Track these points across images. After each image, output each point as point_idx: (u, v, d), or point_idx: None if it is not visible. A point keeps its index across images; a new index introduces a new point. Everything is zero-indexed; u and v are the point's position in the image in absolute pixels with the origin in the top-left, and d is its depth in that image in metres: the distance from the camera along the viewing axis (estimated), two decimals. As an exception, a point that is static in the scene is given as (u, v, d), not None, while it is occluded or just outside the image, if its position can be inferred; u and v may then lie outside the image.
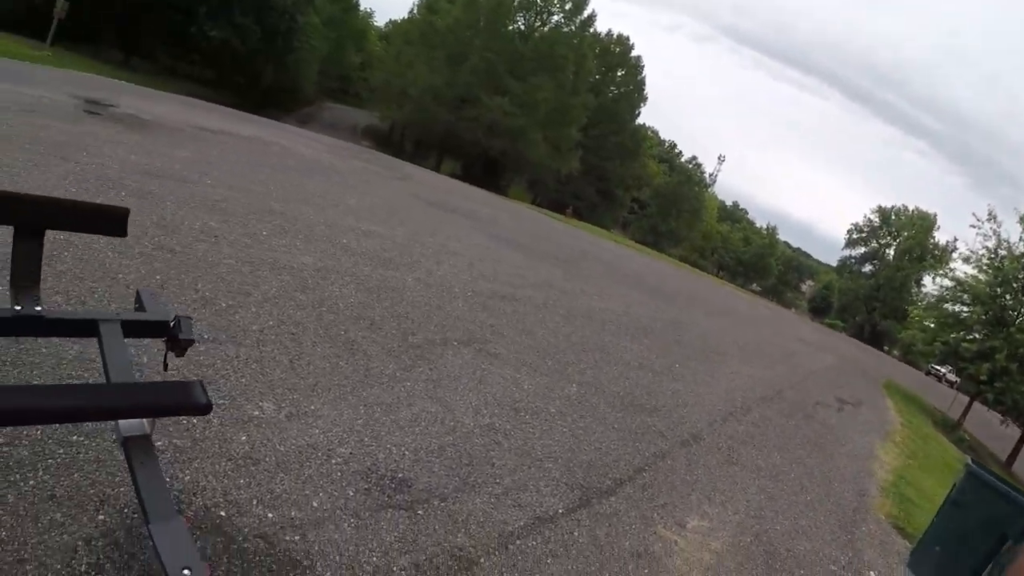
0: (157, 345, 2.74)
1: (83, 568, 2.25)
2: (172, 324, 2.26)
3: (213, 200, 5.79)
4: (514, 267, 7.30)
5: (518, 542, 3.14)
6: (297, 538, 2.69)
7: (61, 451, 2.66)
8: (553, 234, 11.35)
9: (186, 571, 1.52)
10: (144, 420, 1.85)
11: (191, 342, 2.27)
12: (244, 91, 35.31)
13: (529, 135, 41.95)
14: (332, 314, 4.51)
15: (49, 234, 4.04)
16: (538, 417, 4.37)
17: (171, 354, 2.43)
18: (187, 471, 2.80)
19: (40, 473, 2.53)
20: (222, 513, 2.67)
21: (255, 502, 2.79)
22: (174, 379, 3.22)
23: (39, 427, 2.69)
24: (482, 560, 2.97)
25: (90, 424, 2.76)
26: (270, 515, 2.75)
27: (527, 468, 3.78)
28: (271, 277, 4.73)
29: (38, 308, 2.03)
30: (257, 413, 3.31)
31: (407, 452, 3.51)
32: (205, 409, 1.82)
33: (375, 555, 2.77)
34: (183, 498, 2.67)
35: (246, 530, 2.64)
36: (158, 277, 4.15)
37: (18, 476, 2.49)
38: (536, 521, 3.35)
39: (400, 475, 3.26)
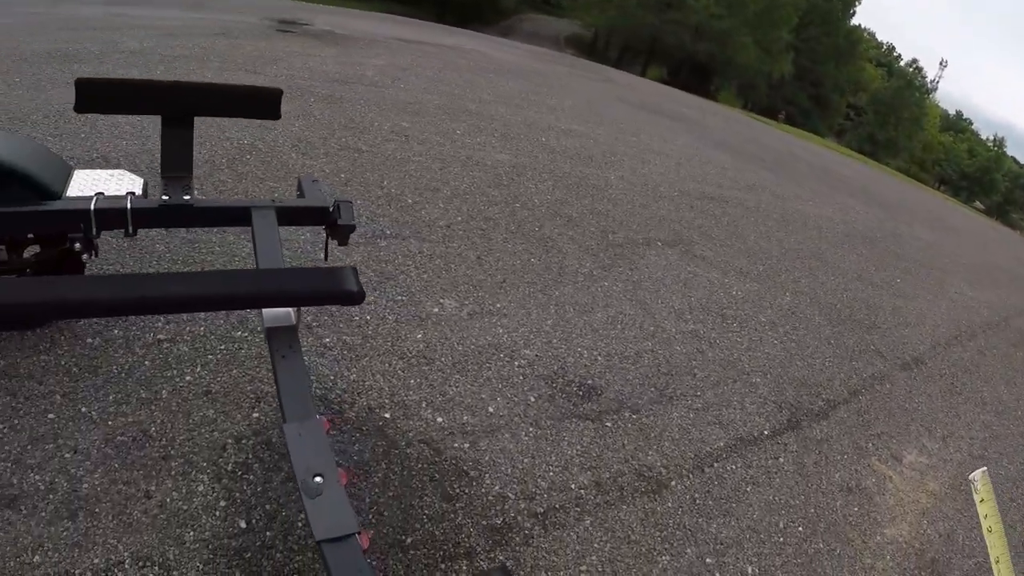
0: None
1: (230, 467, 2.12)
2: (331, 209, 2.11)
3: (405, 102, 5.65)
4: (722, 169, 6.67)
5: (715, 465, 2.72)
6: (467, 446, 2.30)
7: (222, 347, 2.58)
8: (764, 138, 10.36)
9: (318, 478, 1.35)
10: (290, 310, 1.68)
11: (351, 228, 2.11)
12: (444, 6, 35.87)
13: (737, 37, 39.13)
14: (526, 210, 4.09)
15: (234, 138, 4.26)
16: (747, 326, 3.81)
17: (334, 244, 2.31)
18: (354, 369, 2.53)
19: (198, 369, 2.45)
20: (387, 415, 2.35)
21: (424, 405, 2.43)
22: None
23: (202, 324, 2.63)
24: (673, 483, 2.55)
25: (256, 320, 2.66)
26: (439, 420, 2.37)
27: (731, 382, 3.32)
28: (462, 174, 4.43)
29: (186, 197, 1.97)
30: (437, 310, 2.96)
31: (599, 357, 3.07)
32: (356, 298, 1.63)
33: (552, 470, 2.37)
34: (345, 398, 2.40)
35: (411, 434, 2.29)
36: (343, 175, 3.99)
37: (175, 372, 2.43)
38: (738, 442, 2.91)
39: (589, 382, 2.78)
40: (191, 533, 1.93)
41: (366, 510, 2.05)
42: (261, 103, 2.05)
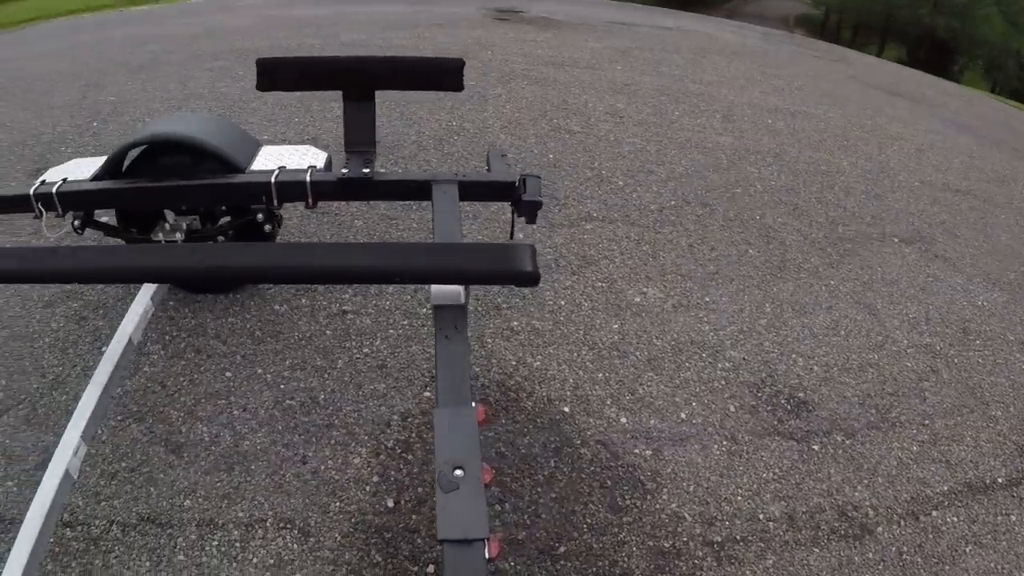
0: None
1: (390, 444, 2.08)
2: (517, 184, 2.04)
3: (621, 84, 5.45)
4: (969, 158, 5.66)
5: (934, 514, 2.20)
6: (648, 453, 2.03)
7: (405, 322, 2.57)
8: (1016, 124, 8.65)
9: (458, 471, 1.25)
10: (459, 288, 1.60)
11: (538, 204, 2.01)
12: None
13: (979, 9, 33.82)
14: (747, 196, 3.70)
15: (442, 119, 4.33)
16: (992, 345, 3.10)
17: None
18: (539, 356, 2.38)
19: (377, 342, 2.46)
20: (565, 409, 2.15)
21: (609, 402, 2.20)
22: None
23: (388, 298, 2.66)
24: (880, 529, 2.08)
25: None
26: (623, 420, 2.13)
27: (967, 411, 2.67)
28: (679, 156, 4.13)
29: (366, 171, 2.02)
30: (639, 300, 2.71)
31: (815, 367, 2.62)
32: (530, 279, 1.51)
33: (740, 494, 2.03)
34: (525, 386, 2.28)
35: (588, 433, 2.08)
36: (551, 156, 3.89)
37: (354, 343, 2.45)
38: (964, 488, 2.34)
39: (800, 395, 2.36)
40: (337, 504, 1.90)
41: (523, 508, 1.88)
42: (443, 74, 2.05)
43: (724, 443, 2.11)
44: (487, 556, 1.13)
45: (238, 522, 1.86)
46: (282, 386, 2.26)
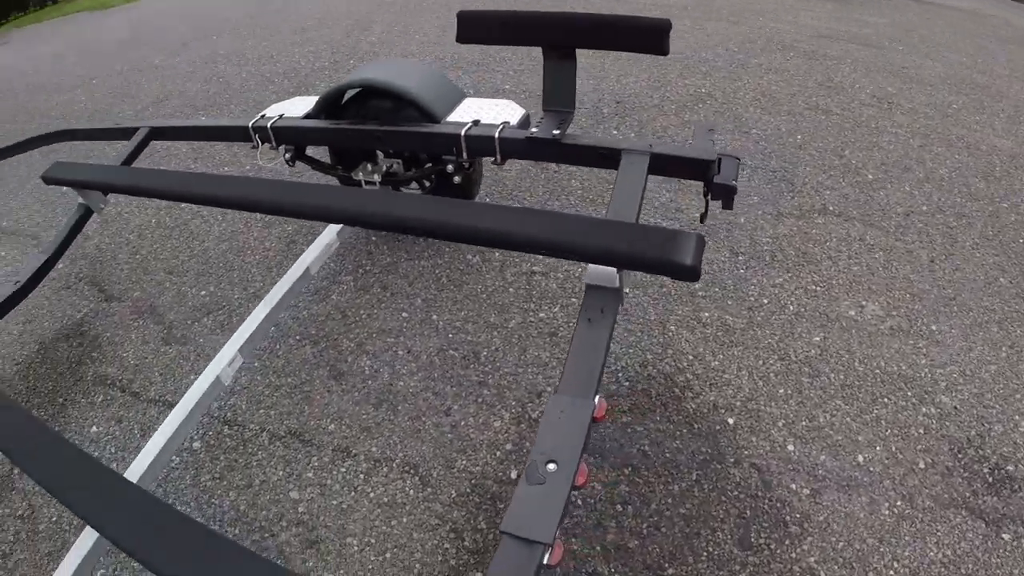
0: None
1: (535, 415, 2.01)
2: (713, 163, 1.86)
3: (898, 67, 4.75)
4: None
5: None
6: (805, 492, 1.77)
7: None
8: None
9: (551, 465, 1.17)
10: (613, 270, 1.47)
11: (732, 189, 1.80)
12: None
13: None
14: (1015, 214, 3.04)
15: (691, 85, 4.08)
16: None
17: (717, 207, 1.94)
18: (719, 356, 2.19)
19: (556, 309, 2.39)
20: (729, 420, 1.96)
21: (781, 423, 1.95)
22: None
23: (581, 265, 2.56)
24: None
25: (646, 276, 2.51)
26: (789, 447, 1.88)
27: None
28: (945, 155, 3.52)
29: (555, 132, 1.95)
30: (852, 314, 2.37)
31: None
32: (687, 273, 1.34)
33: (895, 569, 1.63)
34: (694, 386, 2.11)
35: (745, 452, 1.87)
36: (799, 136, 3.54)
37: (532, 306, 2.41)
38: None
39: (1010, 468, 1.88)
40: (463, 462, 1.89)
41: (646, 516, 1.73)
42: (645, 36, 1.90)
43: (898, 503, 1.75)
44: (544, 561, 1.03)
45: (369, 456, 1.92)
46: (450, 335, 2.28)
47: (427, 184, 2.52)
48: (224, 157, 3.57)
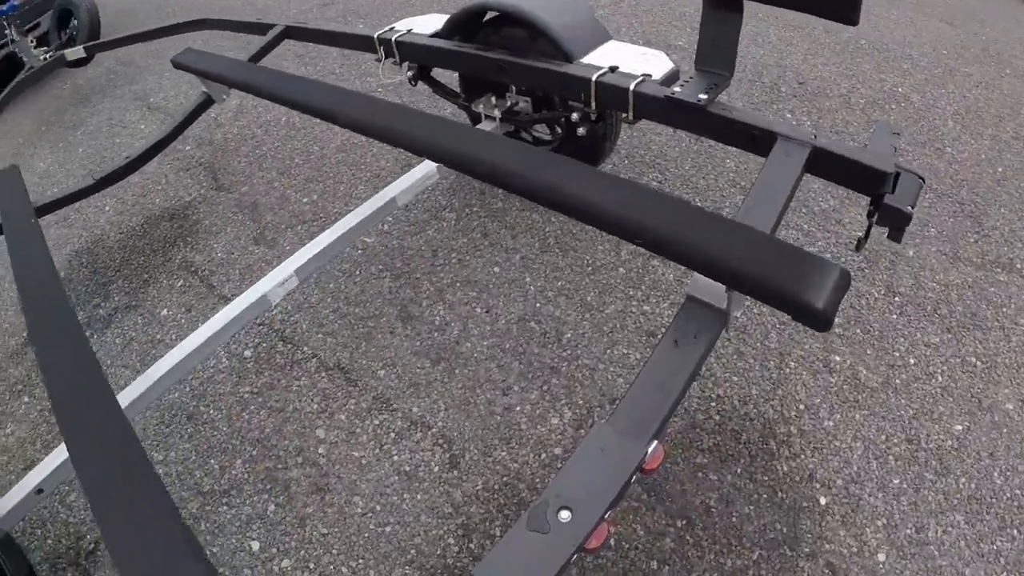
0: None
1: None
2: (888, 177, 1.49)
3: None
4: None
5: None
6: None
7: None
8: None
9: (564, 512, 0.95)
10: (722, 288, 1.18)
11: (905, 217, 1.42)
12: None
13: None
14: None
15: (888, 82, 3.54)
16: None
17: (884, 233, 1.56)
18: (834, 416, 1.86)
19: (664, 305, 2.11)
20: (821, 500, 1.68)
21: (880, 524, 1.63)
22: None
23: None
24: None
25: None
26: (880, 558, 1.57)
27: None
28: None
29: (703, 97, 1.63)
30: (1011, 408, 1.92)
31: None
32: (813, 317, 1.04)
33: None
34: (793, 443, 1.76)
35: (825, 547, 1.55)
36: (1000, 169, 2.95)
37: (638, 294, 2.13)
38: None
39: None
40: (503, 453, 1.68)
41: None
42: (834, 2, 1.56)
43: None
44: None
45: (407, 415, 1.76)
46: (537, 304, 2.05)
47: (556, 133, 2.28)
48: (368, 67, 3.47)
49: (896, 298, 2.20)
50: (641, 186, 1.34)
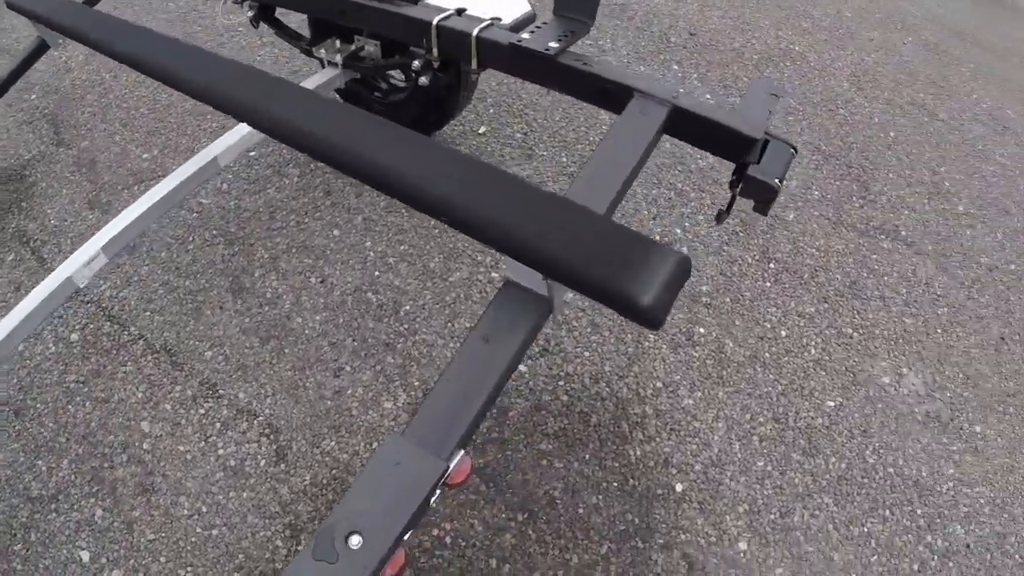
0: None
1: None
2: (756, 144, 1.31)
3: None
4: None
5: None
6: None
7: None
8: None
9: (354, 537, 0.82)
10: (542, 278, 0.98)
11: (771, 191, 1.25)
12: None
13: None
14: None
15: (785, 37, 3.44)
16: None
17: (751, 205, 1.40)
18: (695, 393, 1.87)
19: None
20: (677, 487, 1.67)
21: (742, 510, 1.67)
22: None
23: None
24: None
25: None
26: (741, 547, 1.61)
27: None
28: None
29: (553, 45, 1.43)
30: (887, 381, 1.98)
31: None
32: (638, 314, 0.84)
33: None
34: (647, 424, 1.71)
35: (680, 537, 1.60)
36: (892, 134, 2.95)
37: (491, 260, 2.04)
38: None
39: None
40: (331, 443, 1.61)
41: None
42: None
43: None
44: None
45: (234, 402, 1.70)
46: (376, 273, 1.99)
47: (406, 83, 2.13)
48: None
49: (771, 264, 2.15)
50: (453, 152, 1.16)
